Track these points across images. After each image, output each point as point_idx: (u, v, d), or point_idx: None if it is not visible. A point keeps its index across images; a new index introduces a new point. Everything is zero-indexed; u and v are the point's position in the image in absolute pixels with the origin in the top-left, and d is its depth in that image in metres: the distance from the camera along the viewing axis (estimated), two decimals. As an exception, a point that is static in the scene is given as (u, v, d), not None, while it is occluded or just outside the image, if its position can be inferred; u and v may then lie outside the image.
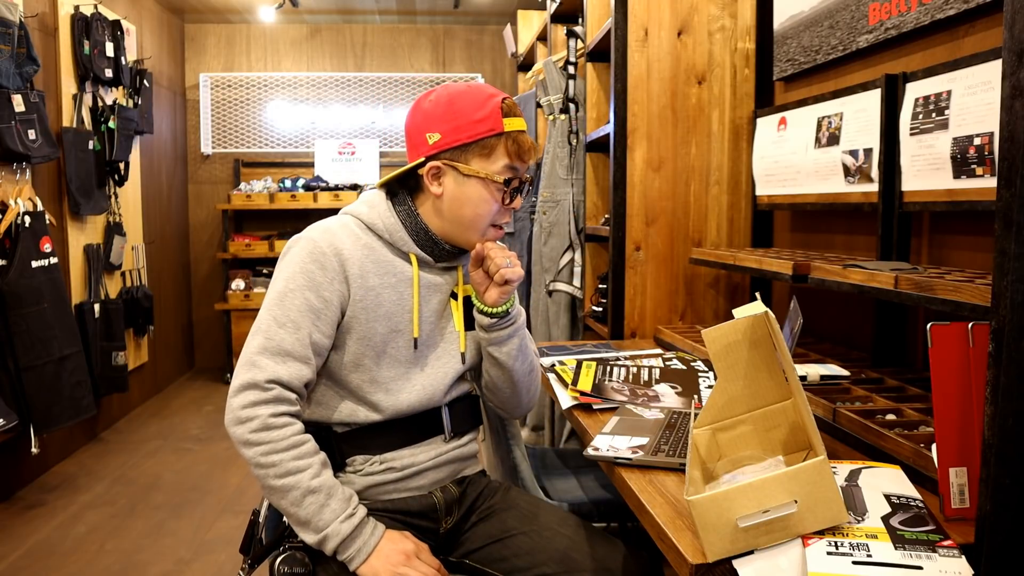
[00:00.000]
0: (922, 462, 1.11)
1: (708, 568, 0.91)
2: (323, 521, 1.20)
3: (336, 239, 1.29)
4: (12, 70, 2.97)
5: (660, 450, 1.25)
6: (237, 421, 1.20)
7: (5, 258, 2.98)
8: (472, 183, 1.30)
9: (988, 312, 0.85)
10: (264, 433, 1.19)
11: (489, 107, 1.29)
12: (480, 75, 5.67)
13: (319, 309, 1.25)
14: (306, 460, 1.21)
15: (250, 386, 1.20)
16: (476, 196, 1.30)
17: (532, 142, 1.33)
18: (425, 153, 1.30)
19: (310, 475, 1.20)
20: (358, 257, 1.29)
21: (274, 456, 1.19)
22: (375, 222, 1.33)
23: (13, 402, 2.98)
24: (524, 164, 1.33)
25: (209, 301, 5.59)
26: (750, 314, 1.13)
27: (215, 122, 5.57)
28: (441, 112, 1.30)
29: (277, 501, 1.21)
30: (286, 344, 1.22)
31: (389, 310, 1.31)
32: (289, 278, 1.25)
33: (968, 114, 1.36)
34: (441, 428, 1.39)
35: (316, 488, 1.20)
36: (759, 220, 2.31)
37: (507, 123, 1.30)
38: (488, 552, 1.37)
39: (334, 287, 1.26)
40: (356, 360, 1.30)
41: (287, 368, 1.22)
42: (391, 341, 1.32)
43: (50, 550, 2.69)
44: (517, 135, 1.31)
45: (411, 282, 1.33)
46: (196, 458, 3.68)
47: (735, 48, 2.34)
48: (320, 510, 1.20)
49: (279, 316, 1.23)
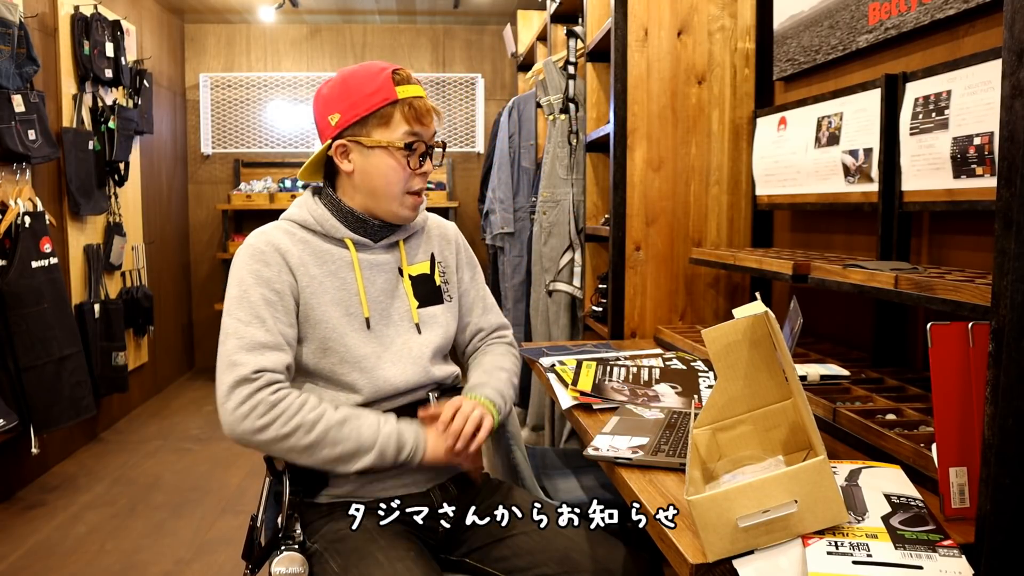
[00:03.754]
0: (922, 462, 1.11)
1: (708, 568, 0.91)
2: (367, 438, 1.27)
3: (272, 237, 1.35)
4: (12, 70, 2.97)
5: (660, 450, 1.25)
6: (241, 418, 1.22)
7: (5, 258, 2.98)
8: (376, 153, 1.34)
9: (988, 312, 0.85)
10: (272, 411, 1.23)
11: (381, 79, 1.33)
12: (480, 75, 5.67)
13: (275, 302, 1.30)
14: (321, 407, 1.27)
15: (238, 383, 1.23)
16: (383, 165, 1.34)
17: (431, 105, 1.37)
18: (330, 135, 1.36)
19: (332, 412, 1.27)
20: (296, 251, 1.35)
21: (293, 421, 1.23)
22: (305, 218, 1.38)
23: (13, 402, 2.98)
24: (425, 127, 1.36)
25: (209, 301, 5.59)
26: (750, 314, 1.13)
27: (215, 122, 5.57)
28: (337, 93, 1.35)
29: (319, 456, 1.26)
30: (259, 338, 1.26)
31: (336, 296, 1.35)
32: (240, 281, 1.31)
33: (968, 114, 1.36)
34: None
35: (344, 418, 1.27)
36: (759, 220, 2.31)
37: (400, 91, 1.33)
38: (488, 552, 1.37)
39: (283, 278, 1.32)
40: (322, 345, 1.34)
41: (267, 358, 1.26)
42: (349, 324, 1.35)
43: (50, 550, 2.69)
44: (412, 100, 1.34)
45: (351, 266, 1.38)
46: (196, 458, 3.68)
47: (735, 48, 2.34)
48: (359, 431, 1.26)
49: (243, 316, 1.28)
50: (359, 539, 1.26)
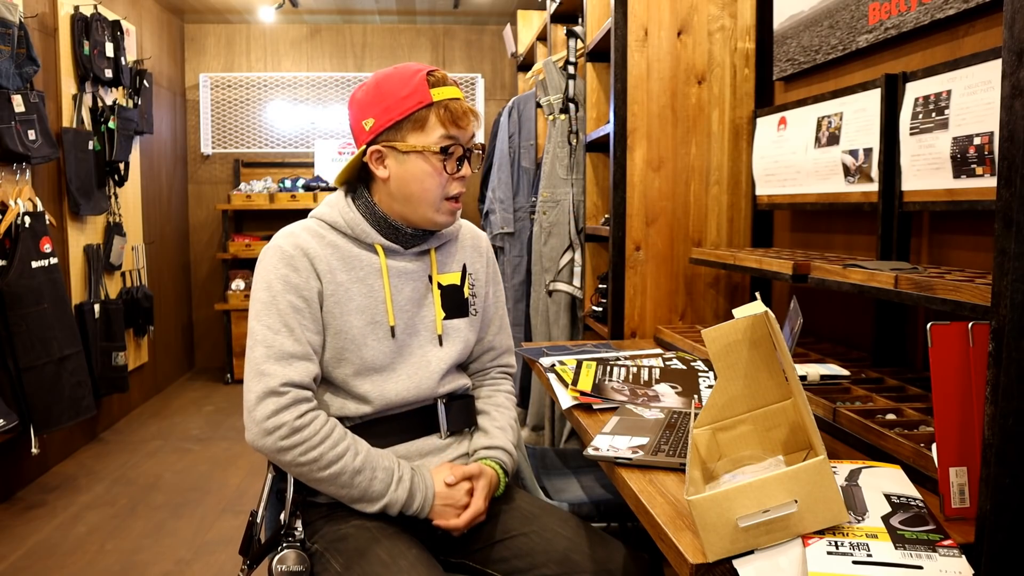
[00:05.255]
0: (922, 462, 1.11)
1: (708, 568, 0.91)
2: (376, 492, 1.27)
3: (300, 240, 1.32)
4: (12, 70, 2.97)
5: (660, 450, 1.25)
6: (264, 433, 1.23)
7: (5, 258, 2.98)
8: (412, 159, 1.31)
9: (988, 312, 0.85)
10: (295, 436, 1.23)
11: (415, 82, 1.30)
12: (480, 75, 5.67)
13: (303, 309, 1.29)
14: (343, 445, 1.26)
15: (268, 394, 1.23)
16: (419, 171, 1.31)
17: (468, 107, 1.33)
18: (365, 140, 1.33)
19: (351, 456, 1.26)
20: (324, 255, 1.32)
21: (312, 452, 1.23)
22: (337, 220, 1.35)
23: (13, 402, 2.98)
24: (463, 131, 1.32)
25: (209, 301, 5.59)
26: (750, 314, 1.13)
27: (215, 122, 5.57)
28: (371, 98, 1.32)
29: (326, 488, 1.27)
30: (287, 347, 1.26)
31: (361, 303, 1.33)
32: (269, 286, 1.29)
33: (968, 114, 1.36)
34: (437, 426, 1.39)
35: (360, 467, 1.26)
36: (759, 220, 2.31)
37: (435, 93, 1.30)
38: (488, 553, 1.37)
39: (310, 285, 1.30)
40: (337, 355, 1.33)
41: (295, 369, 1.25)
42: (370, 333, 1.34)
43: (50, 550, 2.69)
44: (448, 103, 1.30)
45: (380, 273, 1.36)
46: (196, 458, 3.68)
47: (735, 48, 2.34)
48: (370, 484, 1.27)
49: (272, 324, 1.27)
50: (360, 539, 1.26)
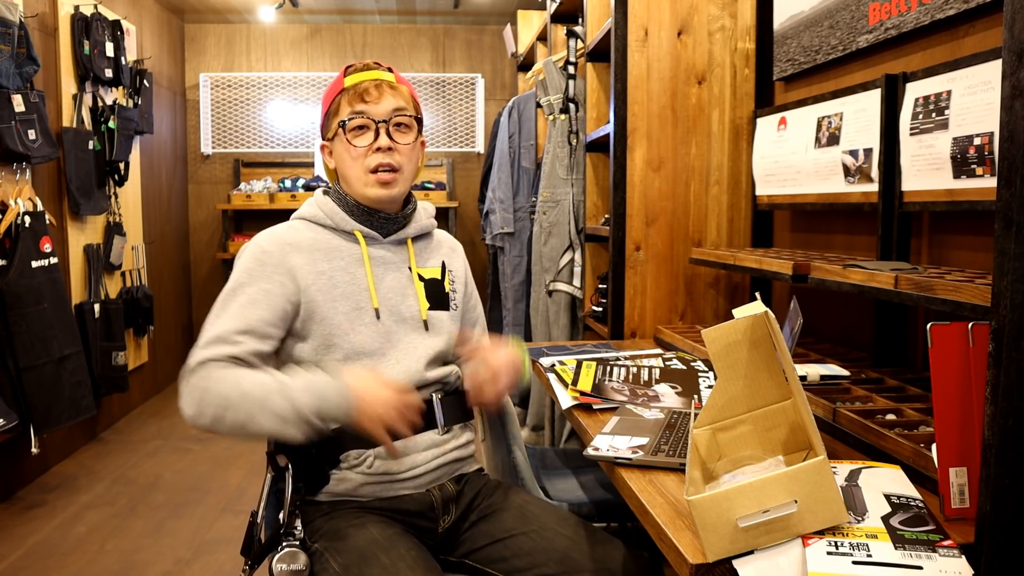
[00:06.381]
0: (922, 462, 1.11)
1: (708, 568, 0.91)
2: (293, 403, 1.20)
3: (280, 235, 1.39)
4: (12, 70, 2.96)
5: (660, 450, 1.25)
6: (184, 410, 1.23)
7: (5, 258, 2.98)
8: (337, 143, 1.41)
9: (988, 312, 0.85)
10: (206, 369, 1.24)
11: (338, 77, 1.42)
12: (480, 75, 5.67)
13: (259, 300, 1.32)
14: (256, 371, 1.26)
15: (202, 362, 1.25)
16: (342, 150, 1.40)
17: (383, 80, 1.39)
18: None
19: (262, 377, 1.24)
20: (306, 247, 1.37)
21: (225, 384, 1.22)
22: (316, 213, 1.42)
23: (13, 402, 2.97)
24: (369, 104, 1.38)
25: (209, 301, 5.52)
26: (750, 314, 1.13)
27: (215, 122, 5.57)
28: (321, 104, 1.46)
29: (252, 421, 1.20)
30: (216, 331, 1.28)
31: (346, 290, 1.37)
32: (234, 279, 1.36)
33: (968, 114, 1.36)
34: (434, 421, 1.39)
35: (250, 389, 1.21)
36: (759, 220, 2.31)
37: (347, 80, 1.40)
38: (488, 552, 1.37)
39: (275, 279, 1.33)
40: (326, 342, 1.34)
41: (237, 348, 1.27)
42: (356, 319, 1.36)
43: (50, 550, 2.68)
44: (356, 84, 1.39)
45: (362, 260, 1.40)
46: (196, 458, 3.68)
47: (735, 48, 2.34)
48: (284, 398, 1.21)
49: (217, 311, 1.32)
50: (360, 539, 1.26)
